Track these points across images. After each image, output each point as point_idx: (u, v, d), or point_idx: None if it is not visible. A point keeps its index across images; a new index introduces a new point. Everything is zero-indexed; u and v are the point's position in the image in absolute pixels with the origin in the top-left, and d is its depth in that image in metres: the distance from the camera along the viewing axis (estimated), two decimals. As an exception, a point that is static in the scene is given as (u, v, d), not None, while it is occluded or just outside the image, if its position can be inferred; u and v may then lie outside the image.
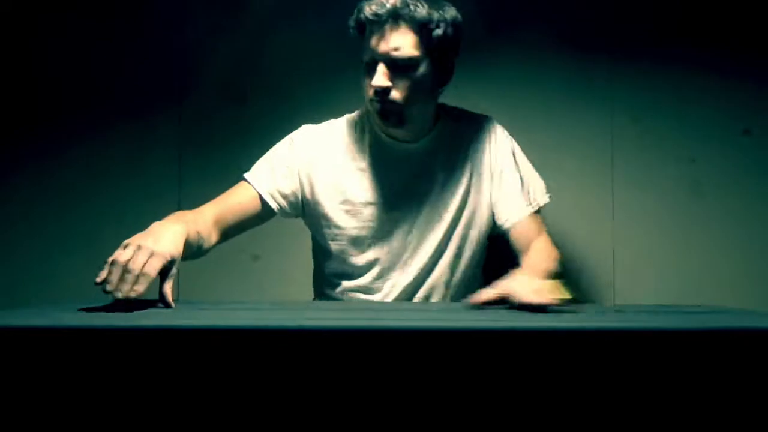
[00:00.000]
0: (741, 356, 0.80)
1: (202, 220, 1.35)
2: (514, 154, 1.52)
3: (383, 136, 1.47)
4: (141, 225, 1.23)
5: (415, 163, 1.47)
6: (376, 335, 0.82)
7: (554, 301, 1.09)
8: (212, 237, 1.39)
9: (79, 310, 1.06)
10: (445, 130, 1.50)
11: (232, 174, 1.51)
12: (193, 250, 1.29)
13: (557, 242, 1.51)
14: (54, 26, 1.96)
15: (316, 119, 1.55)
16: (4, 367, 0.81)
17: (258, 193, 1.45)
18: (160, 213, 1.32)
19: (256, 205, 1.45)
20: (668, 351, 0.80)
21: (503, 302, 1.14)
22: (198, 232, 1.31)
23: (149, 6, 1.96)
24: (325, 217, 1.48)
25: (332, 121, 1.54)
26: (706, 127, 1.94)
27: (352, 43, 1.45)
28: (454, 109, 1.55)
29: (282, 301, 1.22)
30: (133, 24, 1.97)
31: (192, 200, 1.53)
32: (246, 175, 1.47)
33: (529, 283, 1.15)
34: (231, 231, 1.43)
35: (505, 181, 1.49)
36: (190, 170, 1.94)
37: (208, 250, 1.38)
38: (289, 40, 1.95)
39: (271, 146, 1.51)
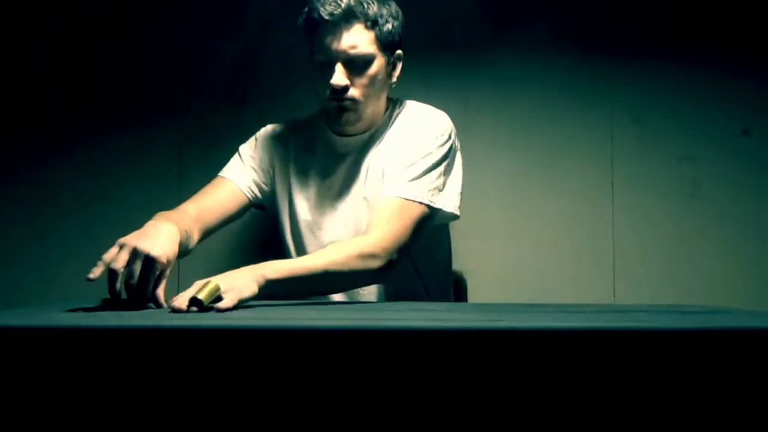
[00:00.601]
0: (741, 356, 0.80)
1: (187, 220, 1.36)
2: (436, 147, 1.43)
3: (329, 132, 1.52)
4: (141, 225, 1.24)
5: (354, 155, 1.50)
6: (376, 335, 0.82)
7: (181, 303, 1.04)
8: (194, 236, 1.40)
9: (78, 310, 1.06)
10: (385, 122, 1.51)
11: (232, 174, 1.51)
12: (181, 250, 1.30)
13: (557, 242, 1.51)
14: (54, 26, 1.96)
15: (316, 119, 1.55)
16: (3, 367, 0.81)
17: (235, 185, 1.51)
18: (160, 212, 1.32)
19: (234, 198, 1.50)
20: (668, 351, 0.80)
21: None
22: (186, 231, 1.33)
23: (149, 6, 1.96)
24: (278, 209, 1.54)
25: (292, 120, 1.61)
26: (706, 127, 1.94)
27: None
28: (412, 103, 1.54)
29: (281, 301, 1.22)
30: (133, 24, 1.96)
31: (192, 199, 1.53)
32: (221, 173, 1.54)
33: (207, 283, 1.08)
34: (211, 227, 1.47)
35: (401, 158, 1.43)
36: (190, 170, 1.94)
37: (191, 250, 1.40)
38: (289, 40, 1.95)
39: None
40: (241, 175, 1.53)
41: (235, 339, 0.81)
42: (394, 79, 1.49)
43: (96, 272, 1.09)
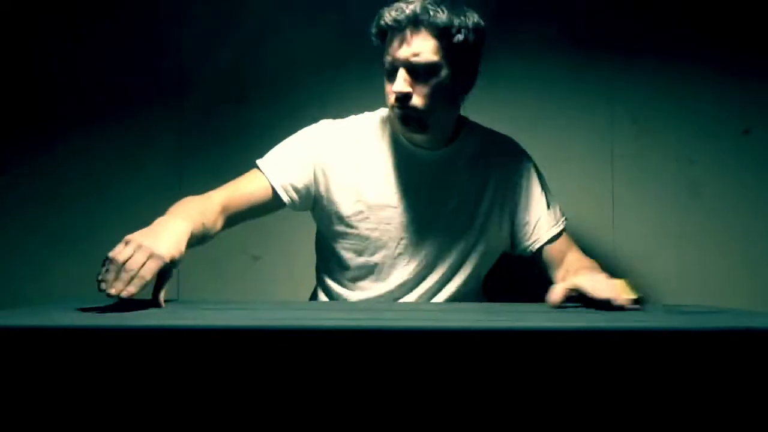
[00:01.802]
0: (741, 356, 0.80)
1: (210, 208, 1.34)
2: (539, 177, 1.55)
3: (403, 139, 1.46)
4: (141, 225, 1.23)
5: (434, 171, 1.47)
6: (376, 335, 0.82)
7: (626, 299, 1.14)
8: (218, 224, 1.37)
9: (79, 310, 1.06)
10: (467, 142, 1.49)
11: (232, 173, 1.51)
12: (197, 240, 1.29)
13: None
14: (54, 26, 1.96)
15: (316, 119, 1.55)
16: (4, 367, 0.81)
17: (270, 184, 1.43)
18: (160, 212, 1.32)
19: (267, 196, 1.43)
20: (668, 351, 0.80)
21: (575, 299, 1.19)
22: (203, 224, 1.30)
23: (149, 5, 1.96)
24: (338, 215, 1.46)
25: (353, 117, 1.53)
26: (706, 127, 1.94)
27: (351, 43, 1.45)
28: (477, 124, 1.56)
29: (282, 301, 1.22)
30: (133, 23, 1.96)
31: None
32: (259, 163, 1.45)
33: (600, 281, 1.21)
34: (237, 218, 1.42)
35: (534, 203, 1.52)
36: (190, 170, 1.94)
37: (212, 237, 1.37)
38: (289, 40, 1.95)
39: (271, 146, 1.50)
40: (280, 175, 1.43)
41: (235, 339, 0.82)
42: (465, 93, 1.44)
43: (104, 271, 1.07)
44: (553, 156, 1.93)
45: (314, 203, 1.48)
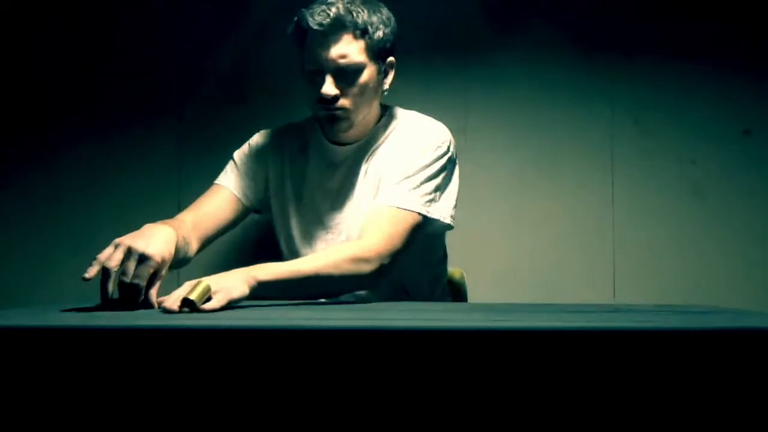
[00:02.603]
0: (741, 356, 0.80)
1: (184, 228, 1.37)
2: (434, 158, 1.42)
3: (323, 139, 1.51)
4: (141, 225, 1.24)
5: (348, 163, 1.50)
6: (376, 335, 0.82)
7: (172, 303, 1.04)
8: (193, 244, 1.41)
9: (77, 310, 1.06)
10: (380, 130, 1.50)
11: (232, 174, 1.51)
12: (180, 256, 1.31)
13: (557, 242, 1.51)
14: (54, 26, 1.96)
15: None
16: (4, 367, 0.81)
17: (231, 192, 1.50)
18: (159, 214, 1.32)
19: (231, 205, 1.50)
20: (668, 351, 0.80)
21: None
22: (184, 237, 1.34)
23: (149, 6, 1.96)
24: (273, 215, 1.55)
25: (287, 124, 1.60)
26: (707, 128, 1.94)
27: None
28: (406, 113, 1.53)
29: (281, 301, 1.22)
30: (133, 24, 1.97)
31: (192, 201, 1.53)
32: (217, 181, 1.53)
33: (198, 283, 1.09)
34: (209, 237, 1.47)
35: (399, 168, 1.42)
36: (190, 171, 1.94)
37: (190, 259, 1.41)
38: (288, 40, 1.95)
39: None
40: (236, 182, 1.52)
41: (235, 339, 0.81)
42: (386, 87, 1.47)
43: (91, 272, 1.09)
44: (553, 156, 1.93)
45: (267, 206, 1.56)
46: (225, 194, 1.50)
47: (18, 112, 1.96)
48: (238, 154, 1.56)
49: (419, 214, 1.39)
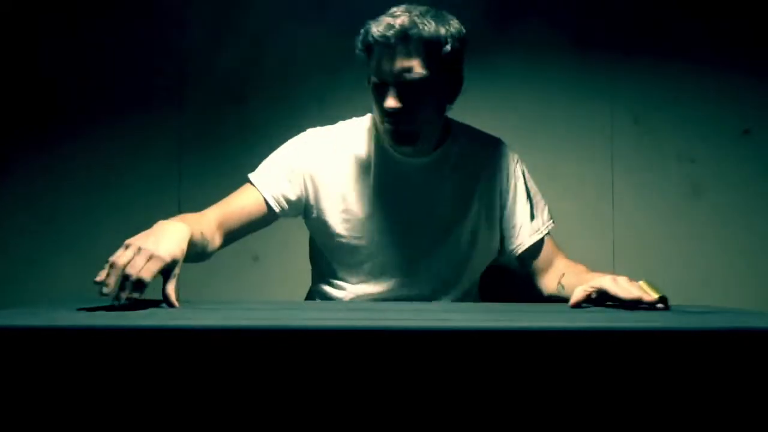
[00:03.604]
0: (741, 356, 0.80)
1: (206, 223, 1.34)
2: (525, 180, 1.53)
3: (390, 149, 1.45)
4: (141, 225, 1.23)
5: (421, 179, 1.46)
6: (376, 335, 0.82)
7: (653, 298, 1.14)
8: (216, 240, 1.37)
9: (79, 309, 1.06)
10: (453, 147, 1.48)
11: (232, 174, 1.51)
12: (197, 251, 1.28)
13: (557, 241, 1.51)
14: (54, 26, 1.96)
15: (316, 119, 1.55)
16: (4, 367, 0.81)
17: (263, 196, 1.43)
18: (160, 213, 1.32)
19: (261, 208, 1.43)
20: (668, 351, 0.80)
21: (593, 301, 1.19)
22: (202, 233, 1.29)
23: (150, 6, 1.96)
24: (326, 225, 1.46)
25: (340, 125, 1.52)
26: (706, 127, 1.94)
27: (351, 44, 1.44)
28: (465, 126, 1.54)
29: (282, 301, 1.22)
30: (134, 24, 1.97)
31: (192, 200, 1.53)
32: (251, 177, 1.45)
33: (622, 281, 1.19)
34: (235, 234, 1.42)
35: (519, 208, 1.50)
36: (190, 170, 1.94)
37: (211, 254, 1.37)
38: (289, 40, 1.95)
39: (271, 146, 1.50)
40: (273, 187, 1.43)
41: (235, 339, 0.82)
42: (453, 100, 1.43)
43: (102, 274, 1.08)
44: (554, 156, 1.93)
45: (305, 212, 1.48)
46: (256, 197, 1.43)
47: (18, 111, 1.96)
48: (284, 156, 1.46)
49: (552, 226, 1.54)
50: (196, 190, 1.54)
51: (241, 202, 1.42)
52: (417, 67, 1.32)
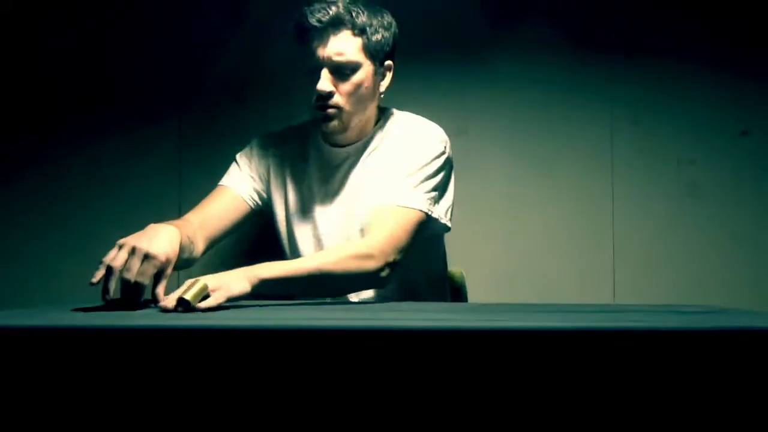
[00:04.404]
0: (741, 356, 0.80)
1: (190, 228, 1.37)
2: (433, 158, 1.43)
3: (322, 141, 1.52)
4: (141, 226, 1.24)
5: (347, 165, 1.50)
6: (376, 335, 0.82)
7: (168, 302, 1.05)
8: (199, 245, 1.42)
9: (78, 310, 1.06)
10: (377, 132, 1.51)
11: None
12: (184, 256, 1.31)
13: (557, 242, 1.52)
14: (54, 26, 1.96)
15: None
16: (4, 367, 0.81)
17: (236, 193, 1.51)
18: (160, 214, 1.33)
19: (236, 206, 1.51)
20: (668, 351, 0.80)
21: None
22: (188, 237, 1.34)
23: (150, 7, 1.96)
24: (274, 215, 1.55)
25: (288, 127, 1.62)
26: (706, 128, 1.94)
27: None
28: (406, 115, 1.54)
29: (280, 301, 1.22)
30: (134, 25, 1.96)
31: (192, 201, 1.53)
32: (222, 182, 1.54)
33: (196, 282, 1.09)
34: (215, 236, 1.48)
35: (399, 169, 1.43)
36: (191, 171, 1.94)
37: (196, 259, 1.41)
38: (289, 41, 1.95)
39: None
40: (240, 183, 1.53)
41: (235, 339, 0.82)
42: (383, 89, 1.48)
43: (98, 275, 1.09)
44: (553, 156, 1.93)
45: (269, 207, 1.56)
46: (230, 195, 1.51)
47: (18, 112, 1.96)
48: (241, 156, 1.57)
49: (422, 211, 1.40)
50: (196, 192, 1.54)
51: (218, 204, 1.50)
52: (348, 52, 1.39)
